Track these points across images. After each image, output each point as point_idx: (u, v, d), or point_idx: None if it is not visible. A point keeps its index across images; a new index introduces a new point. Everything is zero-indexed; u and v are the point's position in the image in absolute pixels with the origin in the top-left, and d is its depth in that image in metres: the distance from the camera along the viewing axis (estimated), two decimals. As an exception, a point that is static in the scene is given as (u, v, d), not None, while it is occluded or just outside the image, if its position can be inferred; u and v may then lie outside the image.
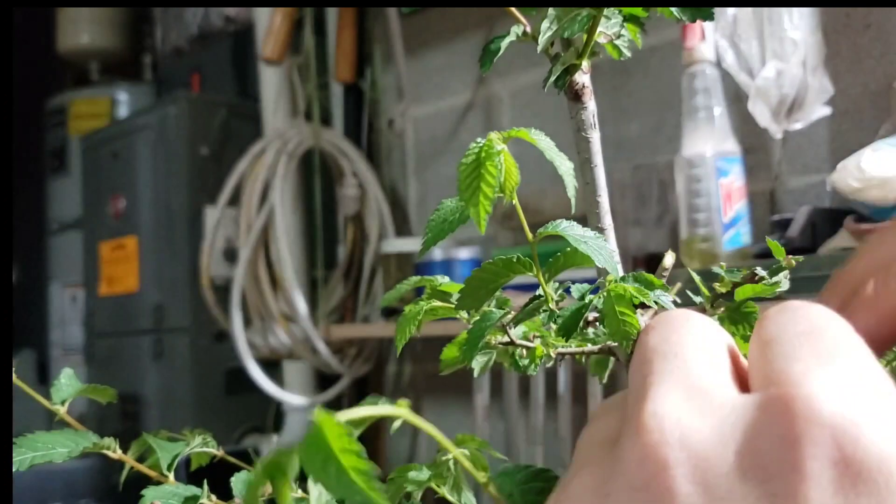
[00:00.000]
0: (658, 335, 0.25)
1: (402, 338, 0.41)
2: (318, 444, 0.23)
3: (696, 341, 0.24)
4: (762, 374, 0.22)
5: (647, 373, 0.23)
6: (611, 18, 0.34)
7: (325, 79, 2.21)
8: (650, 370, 0.23)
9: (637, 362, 0.25)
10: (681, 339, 0.24)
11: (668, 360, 0.23)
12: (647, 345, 0.25)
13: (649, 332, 0.25)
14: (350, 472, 0.22)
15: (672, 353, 0.24)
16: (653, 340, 0.25)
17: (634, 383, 0.24)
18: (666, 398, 0.22)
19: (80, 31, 3.07)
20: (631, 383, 0.24)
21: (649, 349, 0.24)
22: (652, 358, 0.24)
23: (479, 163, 0.31)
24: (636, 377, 0.24)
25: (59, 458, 0.41)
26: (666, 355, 0.24)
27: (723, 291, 0.35)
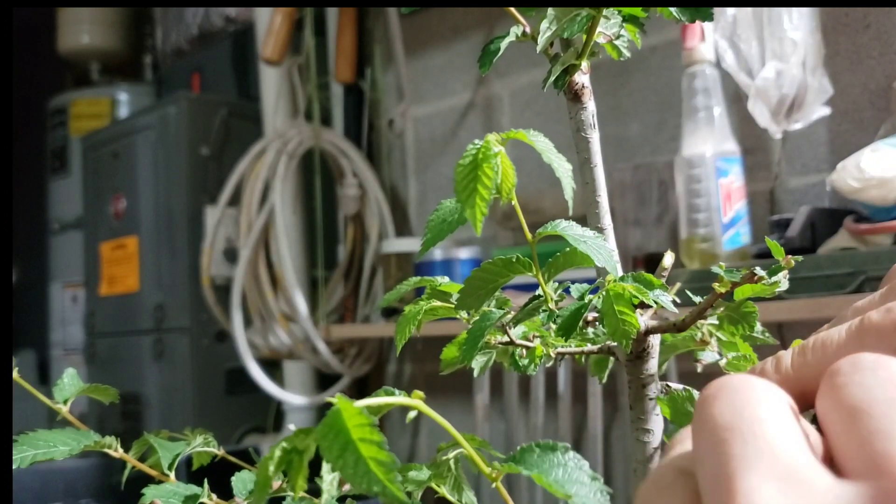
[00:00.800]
0: (726, 408, 0.22)
1: (402, 337, 0.41)
2: (336, 430, 0.23)
3: (774, 416, 0.22)
4: (859, 454, 0.21)
5: (727, 457, 0.21)
6: (610, 19, 0.34)
7: (326, 79, 2.21)
8: (729, 454, 0.21)
9: (707, 442, 0.22)
10: (755, 413, 0.22)
11: (749, 441, 0.21)
12: (716, 420, 0.22)
13: (713, 404, 0.23)
14: (369, 461, 0.23)
15: (751, 432, 0.21)
16: (721, 415, 0.22)
17: (708, 469, 0.22)
18: (760, 491, 0.20)
19: (81, 31, 3.07)
20: (702, 468, 0.22)
21: (720, 427, 0.22)
22: (727, 438, 0.21)
23: (476, 165, 0.31)
24: (709, 462, 0.22)
25: (60, 456, 0.41)
26: (744, 435, 0.21)
27: (722, 291, 0.35)
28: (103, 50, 3.11)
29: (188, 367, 2.22)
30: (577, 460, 0.31)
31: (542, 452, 0.32)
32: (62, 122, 3.01)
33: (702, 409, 0.23)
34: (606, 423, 1.59)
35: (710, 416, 0.23)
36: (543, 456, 0.32)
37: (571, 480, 0.31)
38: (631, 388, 0.37)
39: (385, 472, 0.22)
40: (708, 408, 0.23)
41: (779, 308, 1.12)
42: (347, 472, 0.23)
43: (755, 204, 1.39)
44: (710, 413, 0.23)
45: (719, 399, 0.23)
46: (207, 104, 2.30)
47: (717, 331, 0.40)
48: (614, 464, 1.62)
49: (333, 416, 0.23)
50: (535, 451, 0.32)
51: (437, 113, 2.06)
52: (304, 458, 0.25)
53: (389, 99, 2.18)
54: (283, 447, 0.25)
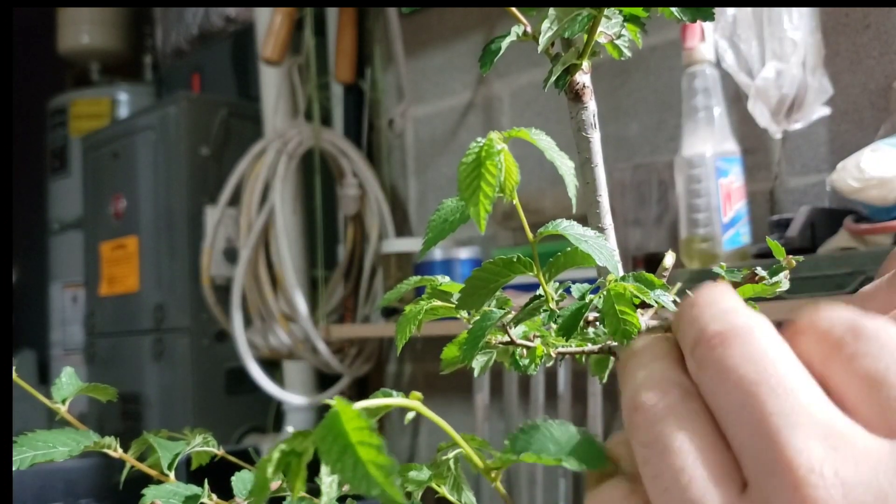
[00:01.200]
0: (744, 361, 0.23)
1: (402, 337, 0.41)
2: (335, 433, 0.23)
3: (794, 369, 0.23)
4: (884, 419, 0.22)
5: (764, 414, 0.22)
6: (611, 18, 0.34)
7: (325, 79, 2.21)
8: (764, 410, 0.22)
9: (734, 395, 0.23)
10: (776, 367, 0.23)
11: (781, 396, 0.22)
12: (738, 373, 0.23)
13: (726, 354, 0.23)
14: (368, 465, 0.23)
15: (786, 388, 0.22)
16: (742, 367, 0.23)
17: (745, 422, 0.22)
18: (811, 450, 0.21)
19: (81, 31, 3.07)
20: (733, 419, 0.23)
21: (745, 380, 0.23)
22: (756, 392, 0.22)
23: (480, 162, 0.31)
24: (743, 415, 0.22)
25: (59, 457, 0.41)
26: (775, 390, 0.22)
27: (723, 291, 0.35)
28: (103, 50, 3.11)
29: (188, 367, 2.22)
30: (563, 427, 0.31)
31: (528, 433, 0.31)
32: (62, 122, 3.01)
33: (715, 357, 0.24)
34: (606, 423, 1.59)
35: (729, 366, 0.23)
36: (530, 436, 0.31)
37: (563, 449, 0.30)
38: (631, 388, 0.37)
39: (384, 476, 0.22)
40: (723, 357, 0.23)
41: (779, 308, 1.12)
42: (346, 476, 0.23)
43: (755, 204, 1.38)
44: (727, 363, 0.23)
45: (731, 348, 0.23)
46: (207, 104, 2.30)
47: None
48: (614, 464, 1.62)
49: (332, 419, 0.23)
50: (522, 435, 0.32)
51: (437, 113, 2.06)
52: (302, 461, 0.25)
53: (389, 99, 2.18)
54: (282, 449, 0.25)
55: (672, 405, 0.24)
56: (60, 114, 3.03)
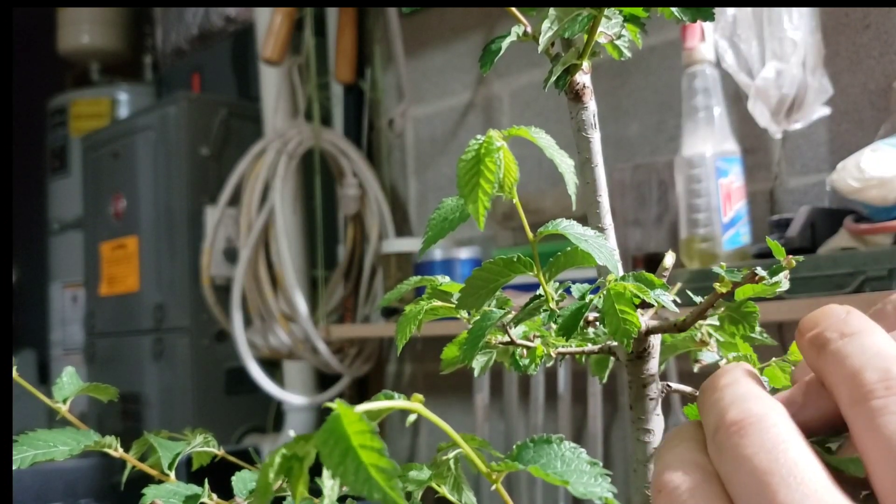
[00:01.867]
0: (758, 450, 0.25)
1: (402, 337, 0.41)
2: (336, 437, 0.23)
3: (805, 457, 0.24)
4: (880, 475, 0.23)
5: (775, 501, 0.23)
6: (611, 19, 0.34)
7: (325, 79, 2.21)
8: (776, 498, 0.23)
9: (748, 486, 0.24)
10: (789, 456, 0.24)
11: (790, 486, 0.23)
12: (753, 464, 0.24)
13: (741, 444, 0.25)
14: (370, 468, 0.23)
15: (796, 479, 0.24)
16: (757, 457, 0.25)
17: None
18: None
19: (81, 31, 3.07)
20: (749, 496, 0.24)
21: (759, 471, 0.24)
22: (770, 482, 0.24)
23: (479, 159, 0.31)
24: (759, 500, 0.24)
25: (60, 456, 0.41)
26: (788, 482, 0.24)
27: (724, 291, 0.35)
28: (103, 50, 3.11)
29: (188, 367, 2.22)
30: (574, 450, 0.31)
31: (539, 446, 0.32)
32: (62, 122, 3.01)
33: (732, 445, 0.25)
34: (606, 423, 1.59)
35: (745, 455, 0.25)
36: (540, 450, 0.32)
37: (571, 470, 0.31)
38: (631, 388, 0.37)
39: (386, 479, 0.23)
40: (739, 446, 0.25)
41: (779, 308, 1.12)
42: (348, 479, 0.23)
43: (755, 204, 1.38)
44: (744, 452, 0.25)
45: (748, 437, 0.25)
46: (207, 104, 2.30)
47: (717, 331, 0.40)
48: (614, 464, 1.62)
49: (333, 423, 0.23)
50: (531, 447, 0.32)
51: (437, 113, 2.06)
52: (304, 465, 0.25)
53: (389, 99, 2.18)
54: (283, 454, 0.25)
55: (693, 488, 0.26)
56: (60, 114, 3.03)
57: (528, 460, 0.32)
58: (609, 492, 0.30)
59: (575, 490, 0.30)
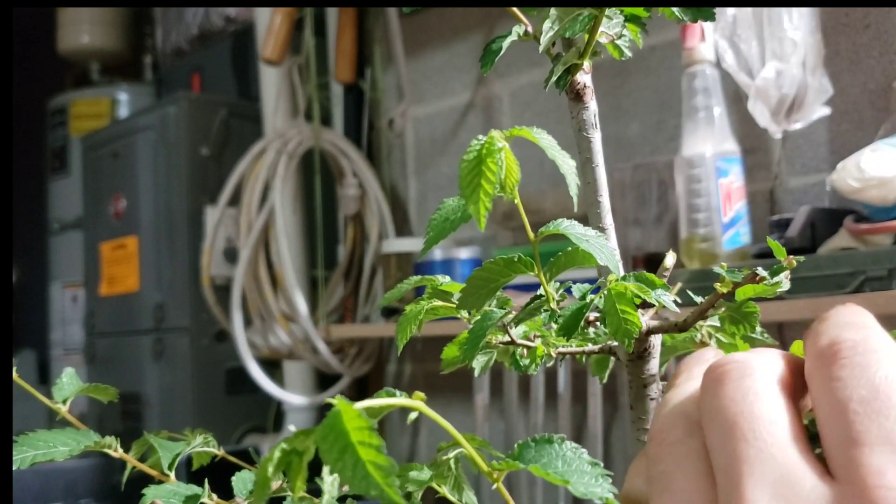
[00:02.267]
0: (730, 400, 0.25)
1: (402, 337, 0.41)
2: (336, 433, 0.23)
3: (772, 410, 0.25)
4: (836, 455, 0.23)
5: (733, 458, 0.24)
6: (612, 18, 0.34)
7: (325, 79, 2.21)
8: (735, 454, 0.24)
9: (717, 434, 0.25)
10: (755, 409, 0.25)
11: (751, 441, 0.24)
12: (723, 412, 0.25)
13: (719, 392, 0.26)
14: (368, 465, 0.23)
15: (752, 431, 0.24)
16: (727, 408, 0.25)
17: (720, 463, 0.24)
18: (760, 497, 0.23)
19: (81, 31, 3.07)
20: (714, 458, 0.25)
21: (727, 421, 0.25)
22: (733, 434, 0.24)
23: (481, 160, 0.31)
24: (720, 456, 0.24)
25: (60, 457, 0.41)
26: (746, 435, 0.24)
27: (724, 291, 0.35)
28: (103, 50, 3.11)
29: (188, 367, 2.22)
30: (576, 450, 0.32)
31: (540, 446, 0.32)
32: (62, 122, 3.01)
33: (710, 395, 0.26)
34: (606, 423, 1.59)
35: (718, 406, 0.25)
36: (541, 449, 0.32)
37: (572, 470, 0.31)
38: (631, 388, 0.37)
39: (383, 476, 0.23)
40: (715, 396, 0.26)
41: (779, 308, 1.12)
42: (346, 475, 0.23)
43: (755, 204, 1.38)
44: (717, 403, 0.25)
45: (724, 386, 0.26)
46: (207, 104, 2.30)
47: (717, 332, 0.40)
48: (614, 464, 1.62)
49: (333, 419, 0.23)
50: (532, 446, 0.32)
51: (437, 113, 2.06)
52: (303, 460, 0.25)
53: (389, 99, 2.18)
54: (283, 448, 0.25)
55: (675, 441, 0.27)
56: (60, 114, 3.03)
57: (529, 460, 0.32)
58: (610, 492, 0.30)
59: (576, 490, 0.30)
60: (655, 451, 0.27)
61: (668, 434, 0.27)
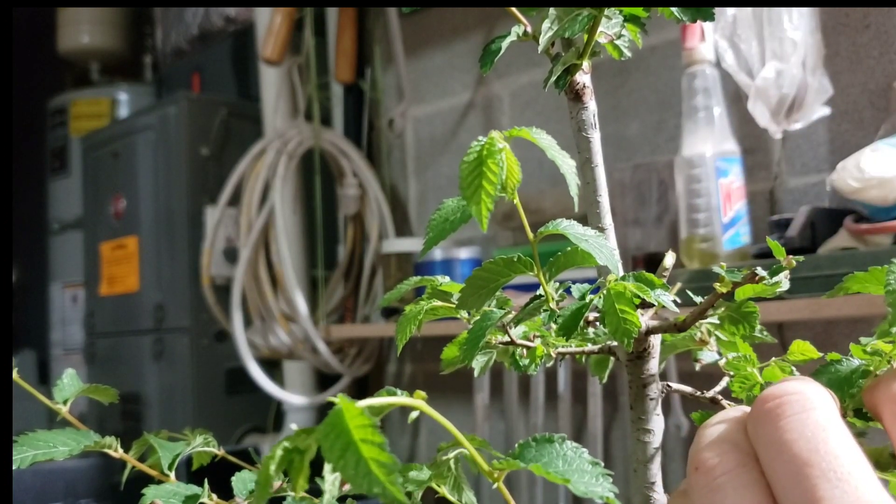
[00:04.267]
0: (798, 436, 0.24)
1: (402, 337, 0.41)
2: (338, 431, 0.23)
3: (846, 446, 0.24)
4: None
5: (820, 499, 0.22)
6: (611, 18, 0.34)
7: (325, 79, 2.21)
8: (822, 496, 0.23)
9: (786, 472, 0.23)
10: (829, 446, 0.23)
11: (836, 485, 0.23)
12: (791, 449, 0.24)
13: (780, 426, 0.24)
14: (370, 462, 0.23)
15: (836, 474, 0.23)
16: (796, 444, 0.24)
17: (797, 499, 0.23)
18: None
19: (81, 31, 3.07)
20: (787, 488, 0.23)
21: (798, 459, 0.23)
22: (809, 474, 0.23)
23: (481, 161, 0.31)
24: (795, 495, 0.23)
25: (60, 457, 0.41)
26: (827, 475, 0.23)
27: (723, 291, 0.35)
28: (103, 50, 3.11)
29: (188, 367, 2.22)
30: (576, 449, 0.32)
31: (540, 445, 0.32)
32: (62, 122, 3.01)
33: (771, 427, 0.25)
34: (606, 423, 1.59)
35: (783, 440, 0.24)
36: (541, 449, 0.32)
37: (572, 469, 0.31)
38: (631, 388, 0.37)
39: (386, 474, 0.23)
40: (777, 429, 0.24)
41: (779, 308, 1.12)
42: (348, 473, 0.23)
43: (755, 204, 1.38)
44: (782, 436, 0.24)
45: (787, 419, 0.24)
46: (207, 104, 2.30)
47: (717, 330, 0.40)
48: (614, 464, 1.62)
49: (335, 417, 0.23)
50: (533, 445, 0.32)
51: (437, 113, 2.06)
52: (305, 458, 0.25)
53: (389, 99, 2.18)
54: (285, 447, 0.25)
55: (729, 471, 0.25)
56: (60, 114, 3.03)
57: (530, 459, 0.32)
58: (610, 492, 0.30)
59: (576, 489, 0.30)
60: (705, 482, 0.25)
61: (719, 464, 0.25)
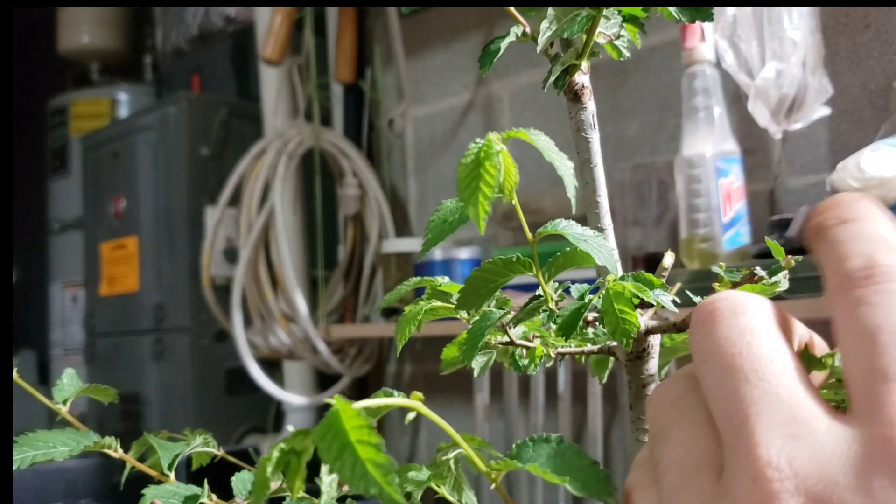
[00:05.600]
0: (726, 339, 0.24)
1: (402, 338, 0.41)
2: (334, 432, 0.23)
3: (773, 348, 0.23)
4: (860, 390, 0.21)
5: (738, 400, 0.22)
6: (610, 19, 0.34)
7: (325, 79, 2.21)
8: (739, 396, 0.22)
9: (715, 377, 0.23)
10: (756, 348, 0.23)
11: (755, 383, 0.22)
12: (721, 352, 0.24)
13: (713, 330, 0.24)
14: (367, 463, 0.23)
15: (755, 371, 0.23)
16: (724, 347, 0.24)
17: (722, 407, 0.23)
18: (773, 439, 0.21)
19: (81, 31, 3.07)
20: (714, 402, 0.23)
21: (726, 363, 0.23)
22: (735, 377, 0.23)
23: (479, 163, 0.31)
24: (721, 400, 0.23)
25: (59, 457, 0.41)
26: (749, 376, 0.23)
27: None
28: (103, 50, 3.11)
29: (188, 367, 2.22)
30: (574, 449, 0.32)
31: (538, 445, 0.32)
32: (62, 122, 3.01)
33: (702, 335, 0.24)
34: (606, 423, 1.59)
35: (711, 346, 0.24)
36: (539, 448, 0.32)
37: (570, 468, 0.31)
38: (631, 388, 0.37)
39: (383, 475, 0.23)
40: (708, 336, 0.24)
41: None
42: (345, 474, 0.23)
43: (755, 204, 1.38)
44: (711, 343, 0.24)
45: (716, 324, 0.24)
46: (207, 104, 2.30)
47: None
48: (614, 464, 1.62)
49: (332, 418, 0.23)
50: (531, 445, 0.33)
51: (437, 113, 2.06)
52: (302, 460, 0.25)
53: (389, 99, 2.18)
54: (282, 448, 0.25)
55: (676, 398, 0.26)
56: (60, 114, 3.03)
57: (527, 459, 0.32)
58: (608, 491, 0.30)
59: (574, 488, 0.30)
60: (653, 411, 0.26)
61: (666, 393, 0.26)
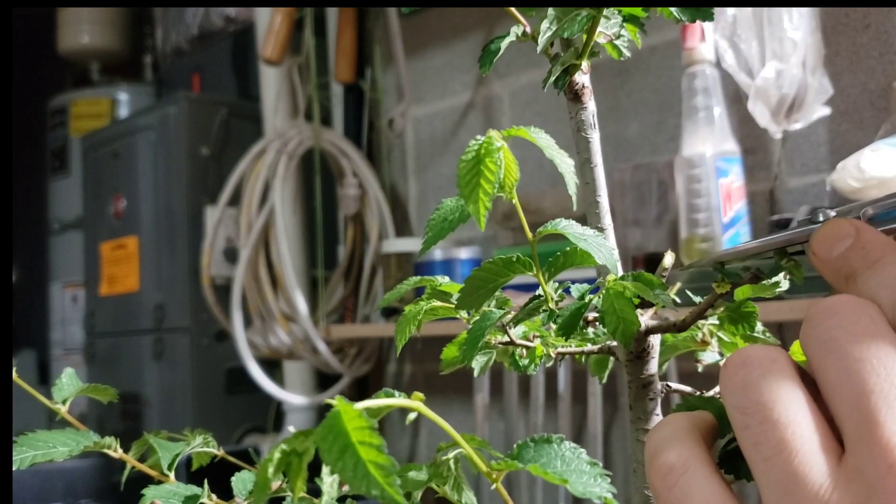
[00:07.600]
0: (850, 334, 0.25)
1: (402, 338, 0.41)
2: (336, 433, 0.23)
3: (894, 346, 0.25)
4: None
5: (864, 391, 0.24)
6: (610, 18, 0.34)
7: (325, 79, 2.21)
8: (865, 386, 0.24)
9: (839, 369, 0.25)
10: (879, 345, 0.25)
11: (881, 375, 0.24)
12: (842, 346, 0.25)
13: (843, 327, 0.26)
14: (368, 464, 0.23)
15: (882, 366, 0.24)
16: (847, 342, 0.25)
17: (847, 396, 0.24)
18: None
19: (81, 31, 3.07)
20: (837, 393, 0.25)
21: (850, 355, 0.25)
22: (860, 369, 0.24)
23: (479, 159, 0.31)
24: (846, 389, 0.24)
25: (59, 457, 0.41)
26: (876, 369, 0.24)
27: (721, 292, 0.35)
28: (103, 50, 3.11)
29: (188, 367, 2.21)
30: (574, 450, 0.32)
31: (539, 446, 0.32)
32: (62, 122, 3.01)
33: (820, 330, 0.26)
34: (606, 423, 1.59)
35: (833, 340, 0.25)
36: (540, 449, 0.32)
37: (570, 469, 0.31)
38: (631, 388, 0.37)
39: (384, 476, 0.23)
40: (828, 329, 0.26)
41: (779, 308, 1.12)
42: (347, 475, 0.23)
43: (755, 204, 1.38)
44: (832, 336, 0.25)
45: (843, 318, 0.26)
46: (207, 104, 2.30)
47: (718, 331, 0.40)
48: (614, 464, 1.62)
49: (333, 419, 0.23)
50: (531, 446, 0.32)
51: (437, 113, 2.06)
52: (303, 461, 0.25)
53: (389, 99, 2.18)
54: (283, 449, 0.25)
55: (768, 369, 0.26)
56: (60, 114, 3.03)
57: (528, 459, 0.32)
58: (609, 492, 0.30)
59: (574, 489, 0.30)
60: (743, 380, 0.26)
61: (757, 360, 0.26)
